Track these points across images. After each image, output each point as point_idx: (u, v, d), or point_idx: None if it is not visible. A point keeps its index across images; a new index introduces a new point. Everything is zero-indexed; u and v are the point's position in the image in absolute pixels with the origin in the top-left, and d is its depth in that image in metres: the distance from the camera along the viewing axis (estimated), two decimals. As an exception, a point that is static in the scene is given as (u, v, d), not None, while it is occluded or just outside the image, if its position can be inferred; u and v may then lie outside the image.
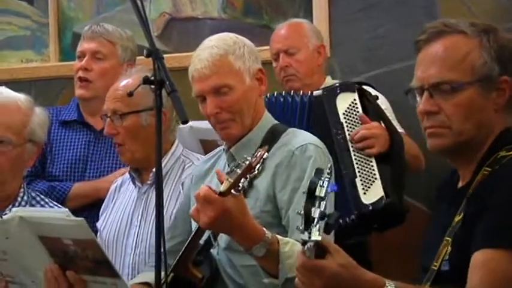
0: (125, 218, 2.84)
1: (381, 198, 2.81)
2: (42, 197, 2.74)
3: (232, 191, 2.07)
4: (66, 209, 2.23)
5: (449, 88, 1.87)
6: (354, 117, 2.96)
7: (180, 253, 2.36)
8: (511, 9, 3.60)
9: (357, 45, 3.83)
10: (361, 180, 2.84)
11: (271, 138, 2.43)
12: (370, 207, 2.80)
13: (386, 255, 3.57)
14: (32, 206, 2.63)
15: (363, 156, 2.89)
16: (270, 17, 4.00)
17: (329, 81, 3.43)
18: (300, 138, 2.41)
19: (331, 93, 2.99)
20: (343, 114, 2.95)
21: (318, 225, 1.63)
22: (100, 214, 2.96)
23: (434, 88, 1.89)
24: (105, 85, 3.25)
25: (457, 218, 1.86)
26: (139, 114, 2.79)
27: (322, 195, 1.66)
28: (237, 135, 2.43)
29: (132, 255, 2.76)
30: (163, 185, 2.76)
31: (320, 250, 1.70)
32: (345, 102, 2.97)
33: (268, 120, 2.49)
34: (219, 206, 2.07)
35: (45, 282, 2.24)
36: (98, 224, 2.92)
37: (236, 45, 2.42)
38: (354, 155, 2.89)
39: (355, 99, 2.96)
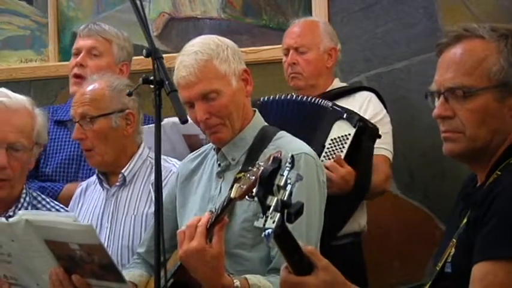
0: (94, 220, 2.82)
1: None
2: (43, 196, 2.74)
3: (246, 197, 2.06)
4: (74, 214, 2.22)
5: (462, 93, 1.85)
6: (335, 150, 2.96)
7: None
8: (511, 9, 3.60)
9: (357, 45, 3.83)
10: None
11: (262, 139, 2.43)
12: None
13: (387, 255, 3.58)
14: (34, 206, 2.63)
15: None
16: (270, 16, 4.00)
17: (336, 83, 3.40)
18: (295, 145, 2.40)
19: (335, 114, 2.98)
20: (331, 140, 2.95)
21: (274, 214, 1.59)
22: None
23: (450, 93, 1.87)
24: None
25: (464, 220, 1.85)
26: (109, 117, 2.80)
27: (281, 184, 1.63)
28: (227, 139, 2.42)
29: None
30: (132, 187, 2.81)
31: (308, 266, 1.69)
32: (340, 131, 2.96)
33: (259, 121, 2.49)
34: (198, 243, 2.09)
35: (50, 285, 2.24)
36: None
37: (219, 48, 2.40)
38: None
39: (349, 135, 2.95)
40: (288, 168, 1.66)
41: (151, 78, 2.07)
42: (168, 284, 2.34)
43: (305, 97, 3.09)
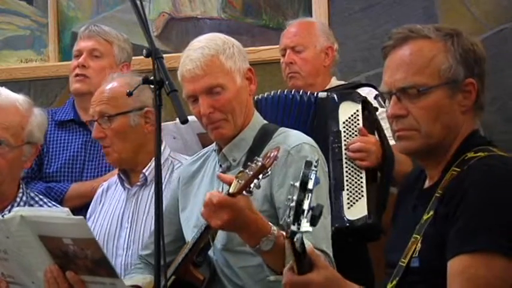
0: (115, 220, 2.83)
1: (364, 217, 2.76)
2: (41, 197, 2.74)
3: (244, 192, 2.07)
4: (67, 209, 2.23)
5: (416, 92, 1.90)
6: (353, 129, 2.91)
7: (183, 255, 2.36)
8: (511, 9, 3.60)
9: (356, 45, 3.83)
10: (347, 194, 2.80)
11: (263, 138, 2.43)
12: (352, 224, 2.75)
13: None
14: (31, 206, 2.63)
15: (354, 170, 2.84)
16: (270, 16, 4.00)
17: (334, 82, 3.41)
18: (294, 138, 2.41)
19: (335, 100, 2.93)
20: (343, 123, 2.91)
21: (307, 217, 1.63)
22: (87, 218, 2.92)
23: (402, 92, 1.93)
24: (102, 83, 3.27)
25: (426, 217, 1.89)
26: (127, 115, 2.79)
27: (311, 187, 1.66)
28: (229, 135, 2.42)
29: (124, 256, 2.76)
30: (153, 187, 2.77)
31: (309, 264, 1.72)
32: (347, 112, 2.92)
33: (258, 120, 2.50)
34: (233, 208, 2.07)
35: (45, 282, 2.24)
36: None
37: (226, 45, 2.41)
38: (346, 166, 2.85)
39: (357, 111, 2.91)
40: (314, 172, 1.68)
41: (151, 78, 2.08)
42: (169, 281, 2.35)
43: (298, 94, 2.97)
